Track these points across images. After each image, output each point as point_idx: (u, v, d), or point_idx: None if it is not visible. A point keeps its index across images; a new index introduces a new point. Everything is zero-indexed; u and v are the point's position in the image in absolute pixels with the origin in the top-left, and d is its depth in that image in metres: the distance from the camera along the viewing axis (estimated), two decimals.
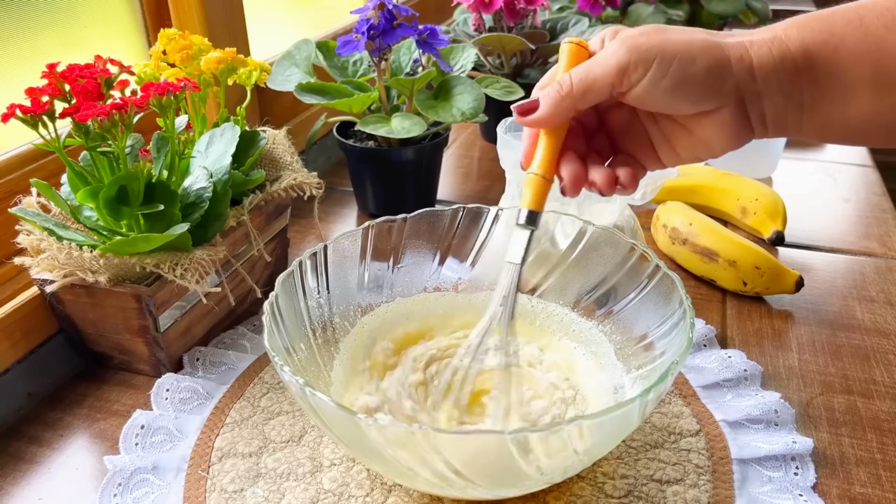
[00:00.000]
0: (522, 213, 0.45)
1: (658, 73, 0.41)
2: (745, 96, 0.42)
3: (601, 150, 0.47)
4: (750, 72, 0.42)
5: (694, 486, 0.50)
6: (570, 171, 0.45)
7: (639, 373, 0.52)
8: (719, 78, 0.41)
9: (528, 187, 0.45)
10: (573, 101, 0.43)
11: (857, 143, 0.45)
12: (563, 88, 0.43)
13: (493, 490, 0.44)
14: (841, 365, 0.63)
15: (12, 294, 0.61)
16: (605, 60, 0.42)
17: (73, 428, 0.57)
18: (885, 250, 0.81)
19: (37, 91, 0.53)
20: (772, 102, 0.43)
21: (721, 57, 0.41)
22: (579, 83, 0.42)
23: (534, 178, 0.45)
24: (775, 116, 0.43)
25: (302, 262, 0.54)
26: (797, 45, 0.42)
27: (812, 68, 0.42)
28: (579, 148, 0.46)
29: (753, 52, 0.42)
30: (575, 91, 0.42)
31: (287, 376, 0.42)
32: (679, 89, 0.41)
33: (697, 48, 0.41)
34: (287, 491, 0.50)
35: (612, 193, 0.45)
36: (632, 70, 0.41)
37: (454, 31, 1.06)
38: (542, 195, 0.45)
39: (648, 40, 0.41)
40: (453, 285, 0.62)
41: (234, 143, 0.63)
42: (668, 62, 0.41)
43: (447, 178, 0.99)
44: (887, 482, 0.51)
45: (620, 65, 0.41)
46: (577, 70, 0.43)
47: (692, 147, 0.45)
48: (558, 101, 0.43)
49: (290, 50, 0.83)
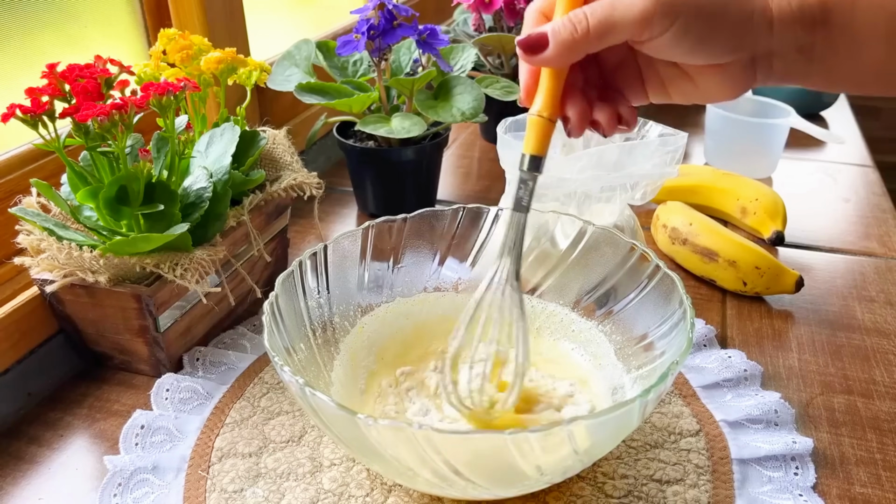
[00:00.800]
0: (525, 159, 0.42)
1: (682, 28, 0.39)
2: (758, 50, 0.41)
3: (593, 82, 0.45)
4: (769, 24, 0.40)
5: (694, 486, 0.50)
6: (575, 112, 0.42)
7: (639, 373, 0.52)
8: (742, 33, 0.40)
9: (531, 130, 0.42)
10: (588, 45, 0.39)
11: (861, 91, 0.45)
12: (577, 29, 0.39)
13: (493, 490, 0.44)
14: (841, 365, 0.63)
15: (12, 294, 0.61)
16: (630, 6, 0.39)
17: (73, 428, 0.57)
18: (885, 250, 0.81)
19: (37, 91, 0.53)
20: (782, 55, 0.42)
21: (746, 9, 0.40)
22: (598, 26, 0.39)
23: (537, 120, 0.41)
24: (784, 68, 0.42)
25: (302, 262, 0.54)
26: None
27: (828, 21, 0.41)
28: (578, 81, 0.43)
29: (774, 4, 0.40)
30: (592, 34, 0.39)
31: (287, 376, 0.42)
32: (700, 45, 0.40)
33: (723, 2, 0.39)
34: (287, 491, 0.50)
35: (613, 132, 0.43)
36: (657, 23, 0.38)
37: (454, 31, 1.06)
38: (546, 137, 0.42)
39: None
40: (453, 285, 0.62)
41: (234, 143, 0.63)
42: (693, 17, 0.39)
43: (447, 178, 0.99)
44: (887, 482, 0.51)
45: (645, 14, 0.38)
46: (594, 11, 0.39)
47: (688, 92, 0.44)
48: (570, 41, 0.39)
49: (290, 50, 0.83)
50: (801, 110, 1.07)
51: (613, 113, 0.43)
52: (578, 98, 0.42)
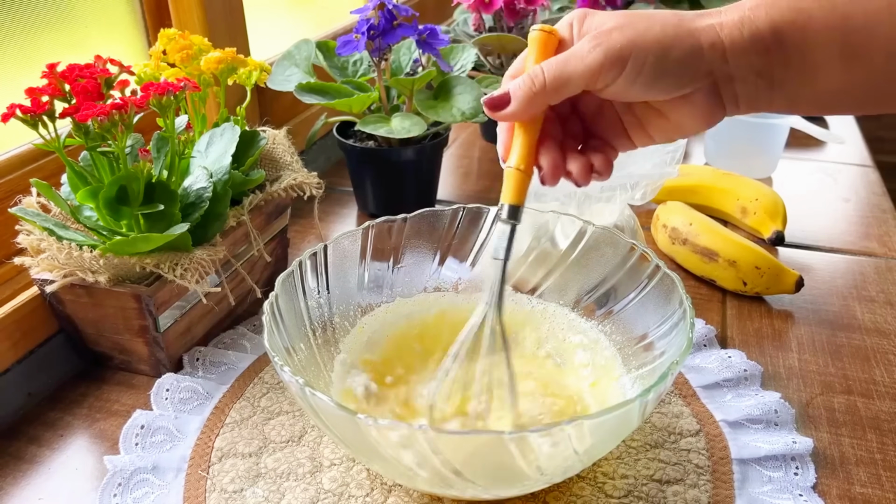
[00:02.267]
0: (504, 209, 0.45)
1: (633, 71, 0.41)
2: (718, 79, 0.43)
3: (575, 133, 0.47)
4: (723, 56, 0.42)
5: (694, 486, 0.50)
6: (548, 162, 0.44)
7: (639, 373, 0.52)
8: (693, 65, 0.42)
9: (508, 181, 0.45)
10: (546, 97, 0.42)
11: (827, 113, 0.46)
12: (535, 84, 0.42)
13: (493, 490, 0.44)
14: (841, 365, 0.63)
15: (12, 294, 0.61)
16: (581, 59, 0.41)
17: (73, 428, 0.57)
18: (885, 250, 0.81)
19: (37, 91, 0.53)
20: (744, 82, 0.43)
21: (694, 45, 0.41)
22: (553, 80, 0.42)
23: (513, 172, 0.44)
24: (747, 95, 0.43)
25: (302, 262, 0.54)
26: (766, 25, 0.41)
27: (782, 46, 0.42)
28: (556, 133, 0.46)
29: (724, 35, 0.42)
30: (549, 88, 0.42)
31: (287, 376, 0.42)
32: (655, 83, 0.42)
33: (670, 38, 0.41)
34: (287, 491, 0.50)
35: (588, 182, 0.45)
36: (606, 71, 0.41)
37: (454, 31, 1.06)
38: (522, 188, 0.45)
39: (622, 36, 0.41)
40: (453, 285, 0.62)
41: (234, 143, 0.63)
42: (642, 59, 0.41)
43: (447, 178, 0.99)
44: (887, 482, 0.51)
45: (595, 65, 0.41)
46: (550, 66, 0.42)
47: (665, 129, 0.45)
48: (530, 96, 0.42)
49: (290, 50, 0.83)
50: None
51: (586, 163, 0.45)
52: (553, 150, 0.45)
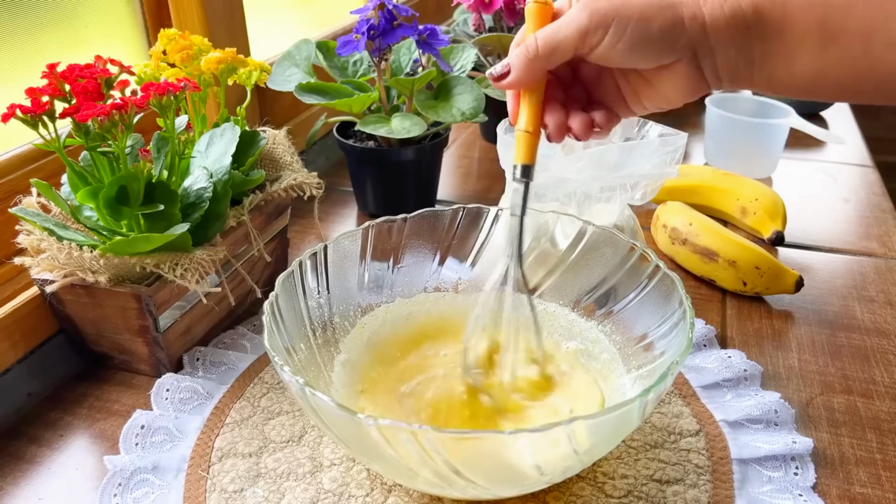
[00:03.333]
0: (517, 169, 0.48)
1: (615, 36, 0.44)
2: (699, 51, 0.45)
3: (579, 98, 0.51)
4: (703, 29, 0.44)
5: (694, 486, 0.50)
6: (553, 120, 0.48)
7: (639, 373, 0.52)
8: (673, 36, 0.44)
9: (518, 143, 0.48)
10: (541, 62, 0.46)
11: (805, 96, 0.47)
12: (529, 52, 0.46)
13: (493, 490, 0.44)
14: (841, 365, 0.63)
15: (12, 294, 0.61)
16: (568, 24, 0.45)
17: (73, 428, 0.57)
18: (885, 250, 0.81)
19: (37, 91, 0.53)
20: (724, 57, 0.45)
21: (675, 16, 0.44)
22: (544, 46, 0.45)
23: (522, 135, 0.48)
24: (728, 70, 0.45)
25: (302, 262, 0.54)
26: (748, 3, 0.43)
27: (761, 24, 0.43)
28: (559, 96, 0.50)
29: (706, 9, 0.44)
30: (541, 53, 0.45)
31: (287, 376, 0.42)
32: (636, 49, 0.44)
33: (654, 9, 0.44)
34: (287, 491, 0.50)
35: (588, 137, 0.48)
36: (591, 33, 0.44)
37: (454, 31, 1.06)
38: (532, 148, 0.48)
39: (608, 4, 0.44)
40: (453, 285, 0.62)
41: (234, 143, 0.63)
42: (624, 24, 0.44)
43: (447, 178, 0.99)
44: (887, 482, 0.51)
45: (581, 28, 0.44)
46: (542, 33, 0.46)
47: (654, 98, 0.48)
48: (527, 63, 0.46)
49: (290, 50, 0.83)
50: (801, 110, 1.07)
51: (587, 119, 0.49)
52: (558, 110, 0.49)
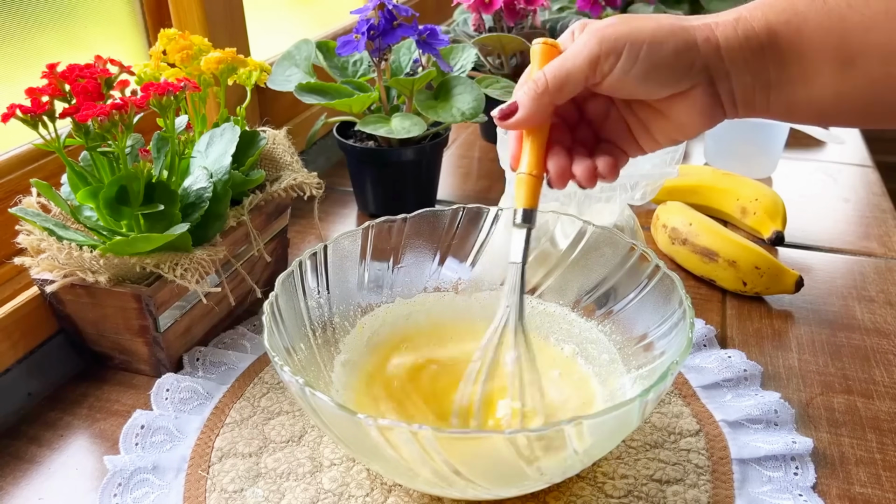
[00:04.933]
0: (518, 213, 0.46)
1: (628, 61, 0.42)
2: (714, 76, 0.43)
3: (585, 140, 0.48)
4: (717, 52, 0.43)
5: (694, 486, 0.50)
6: (555, 165, 0.46)
7: (639, 373, 0.52)
8: (687, 59, 0.42)
9: (520, 187, 0.46)
10: (550, 97, 0.44)
11: (824, 122, 0.46)
12: (538, 87, 0.44)
13: (493, 490, 0.44)
14: (841, 365, 0.63)
15: (12, 294, 0.61)
16: (578, 54, 0.43)
17: (73, 428, 0.57)
18: (885, 250, 0.81)
19: (37, 91, 0.53)
20: (740, 81, 0.43)
21: (688, 39, 0.42)
22: (554, 79, 0.43)
23: (524, 178, 0.46)
24: (744, 96, 0.44)
25: (302, 262, 0.54)
26: (761, 25, 0.42)
27: (776, 47, 0.42)
28: (564, 141, 0.47)
29: (719, 32, 0.43)
30: (551, 87, 0.43)
31: (287, 376, 0.42)
32: (650, 74, 0.42)
33: (665, 33, 0.42)
34: (287, 491, 0.50)
35: (593, 185, 0.46)
36: (603, 60, 0.42)
37: (454, 31, 1.06)
38: (534, 193, 0.46)
39: (616, 30, 0.42)
40: (453, 285, 0.62)
41: (234, 143, 0.63)
42: (637, 49, 0.42)
43: (447, 178, 0.99)
44: (887, 482, 0.51)
45: (592, 56, 0.42)
46: (550, 66, 0.44)
47: (668, 130, 0.46)
48: (535, 99, 0.44)
49: (290, 50, 0.83)
50: None
51: (591, 166, 0.46)
52: (561, 154, 0.46)
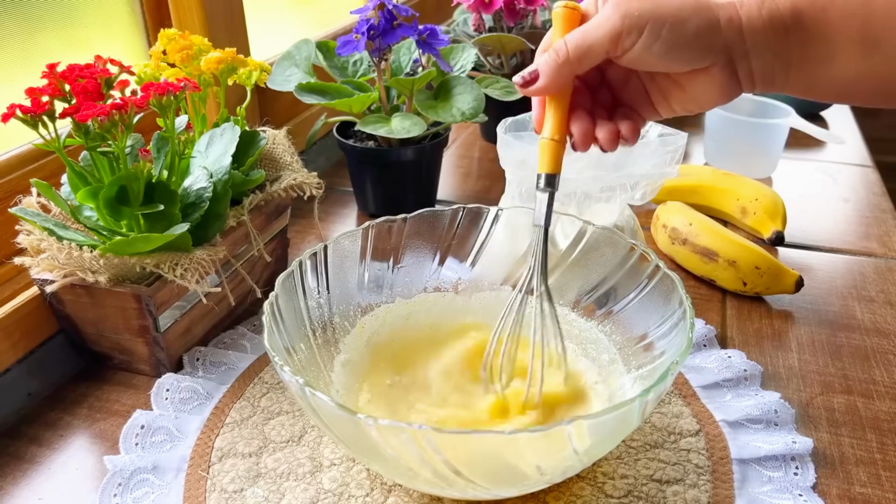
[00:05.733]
0: (542, 178, 0.47)
1: (650, 38, 0.42)
2: (734, 55, 0.44)
3: (605, 103, 0.49)
4: (739, 32, 0.43)
5: (694, 486, 0.50)
6: (579, 129, 0.46)
7: (639, 373, 0.52)
8: (709, 38, 0.43)
9: (543, 152, 0.47)
10: (570, 67, 0.44)
11: (842, 101, 0.46)
12: (559, 56, 0.44)
13: (493, 490, 0.44)
14: (841, 365, 0.63)
15: (12, 294, 0.61)
16: (599, 27, 0.43)
17: (73, 428, 0.57)
18: (885, 250, 0.81)
19: (37, 91, 0.53)
20: (760, 61, 0.44)
21: (711, 18, 0.43)
22: (575, 50, 0.44)
23: (547, 143, 0.47)
24: (763, 74, 0.44)
25: (302, 262, 0.54)
26: (787, 5, 0.42)
27: (800, 28, 0.42)
28: (585, 103, 0.48)
29: (743, 12, 0.43)
30: (572, 58, 0.44)
31: (287, 376, 0.42)
32: (671, 52, 0.43)
33: (689, 11, 0.42)
34: (287, 491, 0.50)
35: (615, 148, 0.47)
36: (625, 36, 0.43)
37: (454, 31, 1.06)
38: (557, 157, 0.47)
39: (641, 5, 0.42)
40: (453, 285, 0.62)
41: (234, 143, 0.63)
42: (659, 27, 0.42)
43: (447, 178, 0.99)
44: (887, 482, 0.51)
45: (614, 31, 0.43)
46: (571, 37, 0.44)
47: (684, 101, 0.47)
48: (556, 68, 0.44)
49: (290, 50, 0.83)
50: (801, 110, 1.07)
51: (614, 130, 0.47)
52: (584, 118, 0.47)
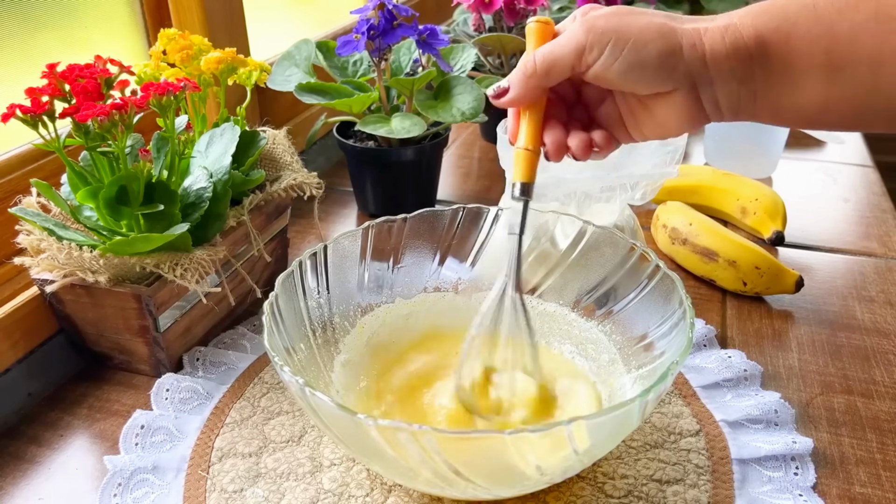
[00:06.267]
0: (516, 186, 0.47)
1: (611, 56, 0.43)
2: (697, 82, 0.44)
3: (581, 120, 0.50)
4: (702, 59, 0.43)
5: (694, 486, 0.50)
6: (552, 139, 0.47)
7: (639, 373, 0.52)
8: (670, 63, 0.43)
9: (517, 161, 0.48)
10: (538, 80, 0.45)
11: (813, 127, 0.46)
12: (527, 69, 0.45)
13: (493, 490, 0.44)
14: (841, 365, 0.63)
15: (12, 294, 0.61)
16: (566, 42, 0.44)
17: (73, 428, 0.57)
18: (885, 250, 0.81)
19: (37, 91, 0.53)
20: (725, 89, 0.44)
21: (674, 43, 0.43)
22: (542, 64, 0.45)
23: (521, 153, 0.47)
24: (729, 102, 0.44)
25: (302, 262, 0.54)
26: (751, 33, 0.43)
27: (765, 55, 0.42)
28: (561, 116, 0.49)
29: (707, 39, 0.43)
30: (539, 71, 0.45)
31: (287, 376, 0.42)
32: (632, 71, 0.43)
33: (652, 33, 0.43)
34: (287, 491, 0.50)
35: (587, 157, 0.47)
36: (587, 51, 0.44)
37: (454, 31, 1.06)
38: (531, 166, 0.47)
39: (606, 23, 0.43)
40: (453, 285, 0.62)
41: (234, 143, 0.63)
42: (621, 46, 0.43)
43: (447, 178, 0.99)
44: (887, 482, 0.51)
45: (578, 46, 0.44)
46: (540, 51, 0.45)
47: (652, 126, 0.47)
48: (524, 81, 0.46)
49: (290, 50, 0.83)
50: None
51: (586, 139, 0.48)
52: (557, 129, 0.48)
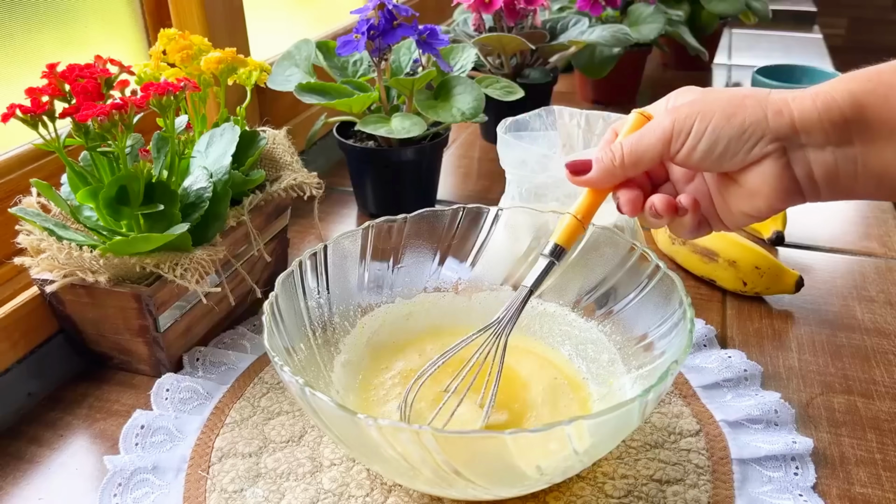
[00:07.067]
0: (549, 244, 0.48)
1: (696, 137, 0.43)
2: (787, 146, 0.42)
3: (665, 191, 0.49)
4: (791, 125, 0.41)
5: (694, 486, 0.50)
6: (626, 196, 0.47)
7: (639, 373, 0.52)
8: (756, 132, 0.42)
9: (562, 224, 0.48)
10: (624, 170, 0.46)
11: None
12: (616, 158, 0.46)
13: (493, 490, 0.44)
14: (841, 365, 0.63)
15: (12, 294, 0.61)
16: (653, 132, 0.45)
17: (73, 428, 0.57)
18: (885, 250, 0.81)
19: (37, 91, 0.53)
20: (819, 155, 0.42)
21: (758, 112, 0.42)
22: (630, 155, 0.45)
23: (570, 219, 0.48)
24: (825, 171, 0.42)
25: (302, 262, 0.54)
26: (844, 96, 0.41)
27: (862, 117, 0.40)
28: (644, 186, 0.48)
29: (794, 105, 0.42)
30: (627, 162, 0.45)
31: (287, 376, 0.42)
32: (716, 147, 0.43)
33: (734, 106, 0.42)
34: (287, 491, 0.50)
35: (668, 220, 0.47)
36: (675, 138, 0.44)
37: (454, 31, 1.06)
38: (572, 235, 0.48)
39: (690, 107, 0.43)
40: (453, 285, 0.62)
41: (234, 143, 0.63)
42: (705, 124, 0.43)
43: (447, 178, 0.99)
44: (887, 482, 0.51)
45: (665, 134, 0.44)
46: (627, 141, 0.45)
47: (741, 202, 0.45)
48: (610, 169, 0.46)
49: (290, 50, 0.83)
50: None
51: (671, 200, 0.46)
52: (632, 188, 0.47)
